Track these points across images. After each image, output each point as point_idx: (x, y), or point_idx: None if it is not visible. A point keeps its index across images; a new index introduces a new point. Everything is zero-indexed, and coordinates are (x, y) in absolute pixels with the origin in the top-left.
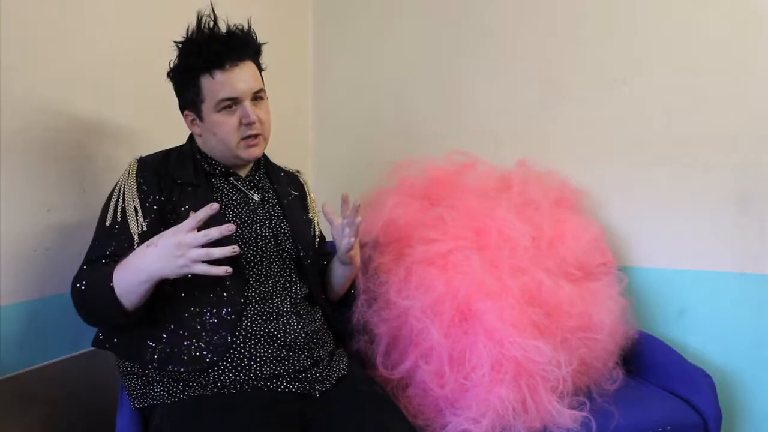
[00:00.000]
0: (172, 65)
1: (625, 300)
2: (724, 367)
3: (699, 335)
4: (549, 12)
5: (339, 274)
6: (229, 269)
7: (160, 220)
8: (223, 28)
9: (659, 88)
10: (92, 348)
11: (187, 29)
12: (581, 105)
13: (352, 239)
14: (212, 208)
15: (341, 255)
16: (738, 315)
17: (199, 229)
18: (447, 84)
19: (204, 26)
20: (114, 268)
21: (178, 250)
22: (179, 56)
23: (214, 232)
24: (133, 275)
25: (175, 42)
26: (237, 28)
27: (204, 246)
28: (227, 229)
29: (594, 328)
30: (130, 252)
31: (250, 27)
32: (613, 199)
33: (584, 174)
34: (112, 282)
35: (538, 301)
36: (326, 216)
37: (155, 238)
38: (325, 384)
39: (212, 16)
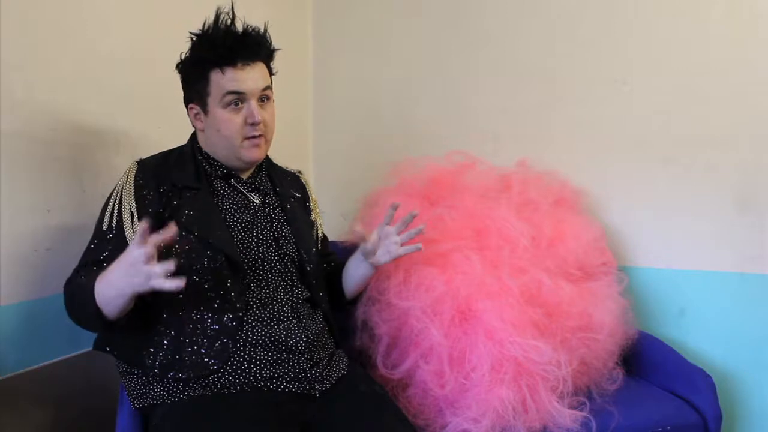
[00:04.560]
0: (183, 57)
1: (625, 300)
2: (724, 367)
3: (699, 335)
4: (549, 12)
5: (363, 276)
6: (181, 284)
7: (158, 226)
8: (239, 28)
9: (659, 88)
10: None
11: (204, 23)
12: (581, 105)
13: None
14: (168, 234)
15: (381, 263)
16: (738, 315)
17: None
18: (447, 84)
19: (221, 23)
20: (97, 276)
21: (132, 269)
22: (192, 48)
23: (156, 239)
24: (108, 289)
25: (191, 33)
26: (253, 29)
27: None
28: (168, 234)
29: (594, 328)
30: None
31: (266, 30)
32: (613, 199)
33: (584, 174)
34: (94, 291)
35: (538, 301)
36: (358, 239)
37: (121, 255)
38: (325, 384)
39: (231, 14)
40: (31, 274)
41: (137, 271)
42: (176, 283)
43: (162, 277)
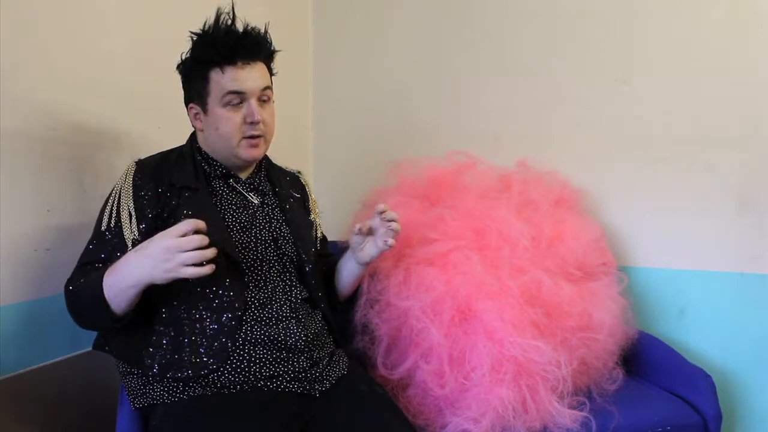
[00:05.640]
0: (183, 57)
1: (625, 300)
2: (724, 367)
3: (699, 335)
4: (549, 12)
5: (353, 274)
6: (214, 266)
7: (155, 226)
8: (240, 28)
9: (659, 88)
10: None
11: (204, 23)
12: (581, 105)
13: (392, 241)
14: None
15: (368, 257)
16: (738, 315)
17: None
18: (447, 84)
19: (222, 22)
20: (105, 271)
21: (167, 253)
22: (192, 48)
23: (204, 239)
24: (122, 279)
25: (191, 32)
26: (253, 29)
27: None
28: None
29: (594, 328)
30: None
31: (266, 30)
32: (613, 199)
33: (584, 174)
34: (102, 286)
35: (538, 301)
36: (355, 237)
37: (145, 242)
38: (325, 384)
39: (231, 14)
40: (31, 274)
41: (173, 256)
42: (210, 266)
43: (192, 267)
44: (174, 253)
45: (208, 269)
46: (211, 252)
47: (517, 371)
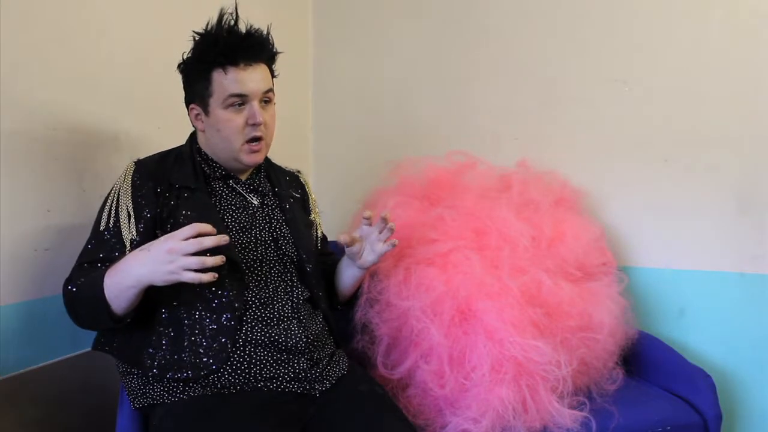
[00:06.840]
0: (185, 57)
1: (625, 300)
2: (724, 367)
3: (699, 335)
4: (549, 12)
5: (354, 277)
6: (216, 275)
7: (154, 226)
8: (242, 29)
9: (659, 88)
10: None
11: (207, 23)
12: (581, 105)
13: (388, 245)
14: (222, 239)
15: (368, 263)
16: (738, 315)
17: None
18: (447, 84)
19: (225, 23)
20: (105, 271)
21: (169, 256)
22: (194, 47)
23: (209, 242)
24: (122, 279)
25: (194, 32)
26: (256, 30)
27: (196, 254)
28: (222, 239)
29: (594, 328)
30: (122, 257)
31: (269, 32)
32: (613, 199)
33: (584, 174)
34: (102, 285)
35: (538, 301)
36: (344, 244)
37: (147, 244)
38: (325, 384)
39: (234, 15)
40: (31, 274)
41: (175, 259)
42: (212, 274)
43: (193, 272)
44: (176, 255)
45: (209, 277)
46: (212, 260)
47: (517, 371)
